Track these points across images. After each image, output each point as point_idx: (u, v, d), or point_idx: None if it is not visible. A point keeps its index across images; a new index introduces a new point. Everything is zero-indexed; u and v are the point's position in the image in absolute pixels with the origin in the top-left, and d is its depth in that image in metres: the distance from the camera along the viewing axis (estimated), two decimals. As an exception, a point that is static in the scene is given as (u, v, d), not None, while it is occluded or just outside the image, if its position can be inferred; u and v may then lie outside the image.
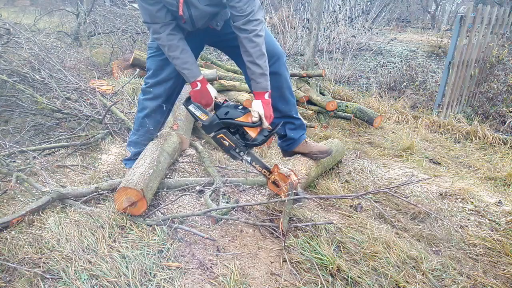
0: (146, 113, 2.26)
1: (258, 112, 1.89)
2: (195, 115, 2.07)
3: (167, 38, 1.86)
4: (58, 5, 9.68)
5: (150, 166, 2.11)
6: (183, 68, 1.93)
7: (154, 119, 2.31)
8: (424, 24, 15.86)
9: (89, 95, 3.54)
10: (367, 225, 2.01)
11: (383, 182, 2.61)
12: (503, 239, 2.02)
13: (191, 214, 2.00)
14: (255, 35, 1.80)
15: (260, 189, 2.43)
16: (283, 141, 2.39)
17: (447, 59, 4.37)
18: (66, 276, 1.54)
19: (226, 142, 1.97)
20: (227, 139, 1.97)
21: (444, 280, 1.72)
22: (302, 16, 8.36)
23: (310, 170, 2.36)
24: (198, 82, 1.95)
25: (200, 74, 1.96)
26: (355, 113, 3.99)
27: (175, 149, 2.52)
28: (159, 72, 2.16)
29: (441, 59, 8.12)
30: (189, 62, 1.93)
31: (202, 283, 1.58)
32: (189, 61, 1.92)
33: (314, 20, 5.13)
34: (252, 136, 1.96)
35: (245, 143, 1.98)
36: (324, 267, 1.71)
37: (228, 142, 1.96)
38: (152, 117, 2.29)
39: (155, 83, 2.19)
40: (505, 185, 2.82)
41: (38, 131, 3.08)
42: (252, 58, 1.84)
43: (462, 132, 3.96)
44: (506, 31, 4.78)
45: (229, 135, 1.97)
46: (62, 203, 2.03)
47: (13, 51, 3.97)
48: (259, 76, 1.88)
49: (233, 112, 1.95)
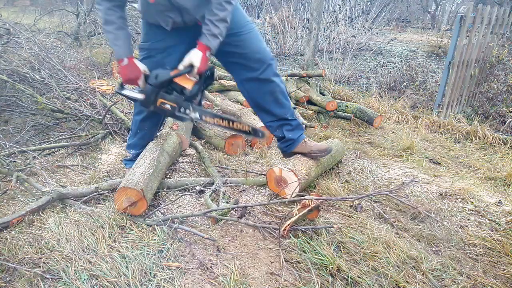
0: (143, 117, 2.25)
1: (190, 59, 1.88)
2: (131, 97, 2.04)
3: (106, 12, 1.86)
4: (58, 5, 9.68)
5: (150, 166, 2.11)
6: (115, 44, 1.91)
7: (152, 121, 2.30)
8: (424, 24, 15.86)
9: (89, 95, 3.54)
10: (367, 225, 2.01)
11: (383, 182, 2.61)
12: (503, 239, 2.02)
13: (191, 214, 2.00)
14: (226, 2, 1.80)
15: (260, 189, 2.43)
16: (282, 142, 2.38)
17: (447, 59, 4.37)
18: (66, 276, 1.54)
19: (168, 106, 1.96)
20: (167, 101, 1.95)
21: (444, 280, 1.72)
22: (302, 16, 8.36)
23: (310, 170, 2.36)
24: (125, 58, 1.92)
25: (130, 54, 1.94)
26: (355, 113, 3.99)
27: (175, 149, 2.52)
28: None
29: (441, 59, 8.12)
30: (122, 40, 1.91)
31: (202, 283, 1.58)
32: (122, 38, 1.90)
33: (314, 20, 5.13)
34: (188, 89, 1.94)
35: (184, 97, 1.95)
36: (324, 267, 1.71)
37: (169, 104, 1.95)
38: (150, 120, 2.27)
39: None
40: (505, 185, 2.82)
41: (38, 131, 3.08)
42: (215, 18, 1.82)
43: (462, 132, 3.96)
44: (506, 31, 4.77)
45: (167, 96, 1.95)
46: (62, 203, 2.03)
47: (13, 51, 3.97)
48: (212, 36, 1.86)
49: (163, 73, 1.93)
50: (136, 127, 2.32)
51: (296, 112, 3.90)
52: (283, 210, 2.15)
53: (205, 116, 2.03)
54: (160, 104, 1.96)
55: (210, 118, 2.04)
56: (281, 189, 2.24)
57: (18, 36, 4.12)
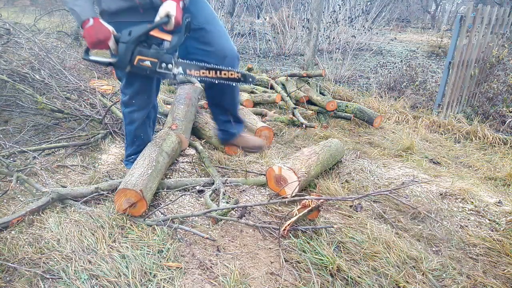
0: (136, 126, 2.21)
1: (165, 10, 1.77)
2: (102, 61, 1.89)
3: None
4: (58, 5, 9.66)
5: (148, 167, 2.11)
6: (74, 5, 1.74)
7: (146, 126, 2.29)
8: (424, 24, 15.87)
9: (89, 95, 3.54)
10: (367, 225, 2.01)
11: (383, 182, 2.61)
12: (503, 239, 2.02)
13: (191, 214, 2.00)
14: None
15: (260, 189, 2.43)
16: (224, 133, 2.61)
17: (447, 59, 4.37)
18: (66, 276, 1.54)
19: (147, 62, 1.81)
20: (146, 57, 1.80)
21: (444, 280, 1.72)
22: (302, 16, 8.37)
23: (310, 168, 2.36)
24: (91, 18, 1.75)
25: (95, 15, 1.77)
26: (355, 113, 3.99)
27: (174, 149, 2.52)
28: (132, 80, 2.06)
29: (441, 59, 8.12)
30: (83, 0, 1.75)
31: (202, 283, 1.58)
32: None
33: (314, 20, 5.13)
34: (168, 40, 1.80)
35: (166, 50, 1.82)
36: (324, 267, 1.71)
37: (148, 60, 1.80)
38: (143, 125, 2.25)
39: (133, 93, 2.10)
40: (505, 185, 2.82)
41: (38, 131, 3.08)
42: None
43: (462, 132, 3.96)
44: (506, 31, 4.77)
45: (145, 51, 1.80)
46: (62, 203, 2.03)
47: (13, 51, 3.97)
48: None
49: (137, 28, 1.78)
50: (131, 137, 2.27)
51: (296, 112, 3.91)
52: (283, 210, 2.15)
53: (189, 69, 1.92)
54: (137, 62, 1.81)
55: (196, 71, 1.92)
56: (281, 188, 2.24)
57: (18, 36, 4.12)
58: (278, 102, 4.29)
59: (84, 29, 1.77)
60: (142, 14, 1.88)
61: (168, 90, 4.51)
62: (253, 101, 4.27)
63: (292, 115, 3.95)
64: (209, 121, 3.21)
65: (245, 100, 4.20)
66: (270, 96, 4.29)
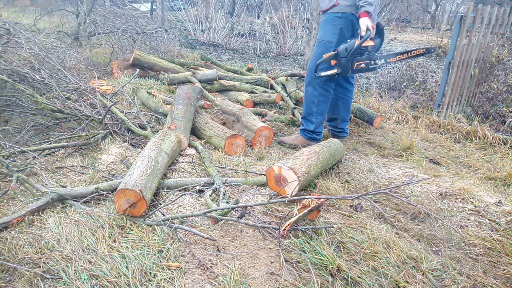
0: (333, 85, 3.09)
1: (364, 25, 2.61)
2: (331, 74, 2.76)
3: None
4: (58, 5, 9.66)
5: (148, 166, 2.11)
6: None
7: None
8: (424, 24, 15.86)
9: (89, 95, 3.54)
10: (367, 225, 2.01)
11: (383, 182, 2.61)
12: (503, 239, 2.02)
13: (191, 214, 2.00)
14: None
15: (260, 189, 2.43)
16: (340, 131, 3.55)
17: (447, 59, 4.37)
18: (66, 276, 1.54)
19: (363, 65, 2.66)
20: (362, 62, 2.65)
21: (444, 280, 1.72)
22: (302, 16, 8.36)
23: (310, 168, 2.36)
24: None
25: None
26: (355, 113, 3.99)
27: (173, 148, 2.52)
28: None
29: (441, 59, 8.12)
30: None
31: (202, 283, 1.58)
32: None
33: (314, 20, 5.13)
34: (373, 45, 2.69)
35: (373, 52, 2.69)
36: (324, 267, 1.71)
37: (364, 63, 2.64)
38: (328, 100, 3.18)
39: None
40: (505, 185, 2.82)
41: (38, 131, 3.08)
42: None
43: (462, 132, 3.96)
44: (506, 31, 4.77)
45: (360, 57, 2.65)
46: (62, 203, 2.03)
47: (13, 51, 3.96)
48: (368, 4, 2.65)
49: (349, 45, 2.62)
50: (324, 98, 3.05)
51: (296, 112, 3.91)
52: (283, 210, 2.15)
53: (388, 58, 2.83)
54: (356, 67, 2.66)
55: (393, 58, 2.86)
56: (280, 188, 2.24)
57: (18, 36, 4.11)
58: (278, 102, 4.29)
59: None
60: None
61: (168, 90, 4.51)
62: (253, 101, 4.27)
63: (292, 115, 3.95)
64: (209, 121, 3.21)
65: (245, 100, 4.20)
66: (270, 96, 4.29)
